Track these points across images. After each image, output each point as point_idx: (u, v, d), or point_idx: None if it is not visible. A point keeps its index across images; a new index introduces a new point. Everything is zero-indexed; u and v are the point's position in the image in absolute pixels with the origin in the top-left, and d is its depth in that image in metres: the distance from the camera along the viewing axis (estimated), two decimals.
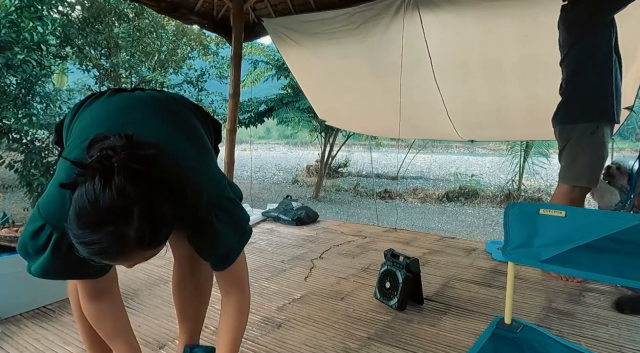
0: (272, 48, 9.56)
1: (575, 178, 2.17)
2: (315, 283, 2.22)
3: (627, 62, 2.97)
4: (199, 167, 0.90)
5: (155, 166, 0.73)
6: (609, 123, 2.12)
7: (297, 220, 3.67)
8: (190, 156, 0.89)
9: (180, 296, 1.29)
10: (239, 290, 1.04)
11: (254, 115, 10.06)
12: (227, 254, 0.96)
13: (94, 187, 0.65)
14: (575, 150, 2.16)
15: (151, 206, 0.69)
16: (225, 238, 0.92)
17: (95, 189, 0.65)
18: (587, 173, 2.14)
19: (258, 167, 17.89)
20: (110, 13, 8.62)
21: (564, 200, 2.18)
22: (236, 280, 1.03)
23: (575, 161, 2.17)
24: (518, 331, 1.11)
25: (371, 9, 3.44)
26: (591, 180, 2.14)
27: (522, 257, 1.09)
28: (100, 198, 0.65)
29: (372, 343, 1.57)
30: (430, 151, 22.90)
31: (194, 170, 0.86)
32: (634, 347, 1.55)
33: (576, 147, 2.15)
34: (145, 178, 0.69)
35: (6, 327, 1.63)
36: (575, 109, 2.14)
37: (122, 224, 0.66)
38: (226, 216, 0.90)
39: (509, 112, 3.93)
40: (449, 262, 2.65)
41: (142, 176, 0.69)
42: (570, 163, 2.19)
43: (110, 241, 0.66)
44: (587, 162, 2.13)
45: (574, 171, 2.17)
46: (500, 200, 9.96)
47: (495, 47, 3.38)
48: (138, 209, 0.66)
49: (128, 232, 0.66)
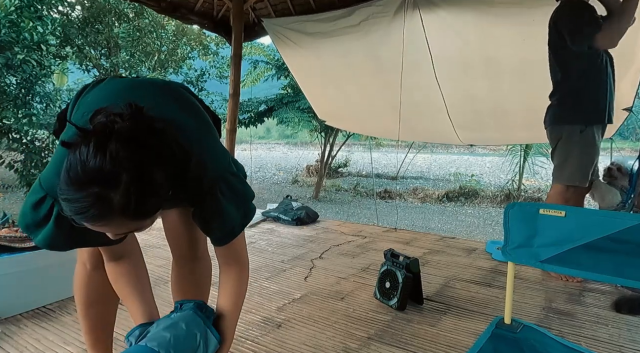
0: (272, 48, 9.56)
1: (566, 178, 2.21)
2: (315, 283, 2.22)
3: (625, 64, 2.99)
4: (204, 142, 0.90)
5: (160, 139, 0.72)
6: (598, 124, 2.14)
7: (297, 220, 3.67)
8: (196, 132, 0.89)
9: (180, 294, 1.29)
10: (239, 263, 1.05)
11: (254, 115, 10.06)
12: (230, 229, 0.96)
13: (88, 148, 0.65)
14: (565, 150, 2.21)
15: (142, 175, 0.68)
16: (228, 213, 0.91)
17: (89, 150, 0.65)
18: (576, 172, 2.17)
19: (258, 167, 17.89)
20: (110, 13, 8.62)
21: (558, 200, 2.22)
22: (236, 255, 1.04)
23: (565, 161, 2.21)
24: (518, 331, 1.11)
25: (372, 7, 3.44)
26: (582, 179, 2.18)
27: (522, 257, 1.09)
28: (90, 159, 0.64)
29: (372, 343, 1.57)
30: (430, 151, 22.89)
31: (199, 145, 0.86)
32: (634, 347, 1.55)
33: (566, 147, 2.19)
34: (143, 147, 0.69)
35: (6, 327, 1.63)
36: (563, 110, 2.18)
37: (108, 187, 0.65)
38: (230, 191, 0.91)
39: (508, 112, 3.93)
40: (449, 262, 2.65)
41: (140, 145, 0.69)
42: (561, 163, 2.24)
43: (92, 202, 0.65)
44: (577, 162, 2.17)
45: (565, 171, 2.21)
46: (500, 200, 9.96)
47: (495, 48, 3.39)
48: (127, 176, 0.66)
49: (112, 197, 0.65)
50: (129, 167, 0.66)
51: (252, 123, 10.08)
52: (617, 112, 3.30)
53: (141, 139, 0.69)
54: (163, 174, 0.71)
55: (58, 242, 0.87)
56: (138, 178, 0.67)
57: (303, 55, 4.24)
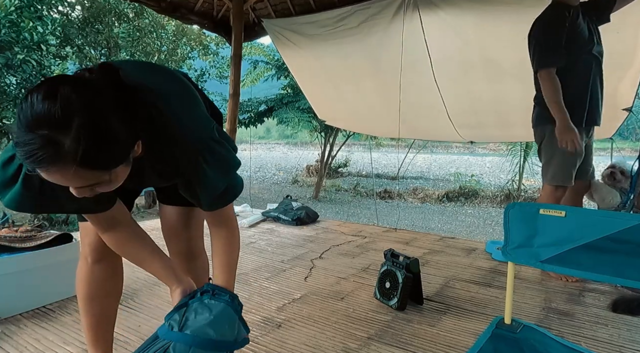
0: (272, 48, 9.56)
1: (551, 178, 2.23)
2: (315, 283, 2.22)
3: (625, 64, 3.00)
4: (186, 109, 0.89)
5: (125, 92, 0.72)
6: (579, 125, 2.15)
7: (297, 220, 3.68)
8: (178, 100, 0.89)
9: None
10: (229, 226, 1.05)
11: (254, 115, 10.07)
12: (218, 195, 0.95)
13: (39, 92, 0.64)
14: (548, 150, 2.24)
15: (96, 122, 0.65)
16: (212, 179, 0.91)
17: (42, 92, 0.64)
18: (559, 172, 2.20)
19: (258, 167, 17.89)
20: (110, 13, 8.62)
21: (549, 199, 2.24)
22: (225, 220, 1.04)
23: (549, 161, 2.24)
24: (518, 331, 1.11)
25: (371, 8, 3.44)
26: (564, 179, 2.20)
27: (522, 257, 1.09)
28: (39, 101, 0.63)
29: (372, 343, 1.57)
30: (430, 151, 22.91)
31: (180, 111, 0.86)
32: (634, 347, 1.55)
33: (549, 147, 2.22)
34: (100, 94, 0.68)
35: (6, 327, 1.63)
36: (545, 111, 2.20)
37: (57, 131, 0.63)
38: (213, 157, 0.89)
39: (508, 112, 3.93)
40: (449, 262, 2.65)
41: (97, 92, 0.68)
42: (546, 163, 2.27)
43: (41, 144, 0.63)
44: (560, 162, 2.20)
45: (550, 171, 2.24)
46: (500, 200, 9.97)
47: (495, 48, 3.39)
48: (79, 120, 0.64)
49: (62, 140, 0.63)
50: (81, 112, 0.64)
51: (252, 123, 10.09)
52: (617, 112, 3.31)
53: (100, 87, 0.68)
54: (122, 125, 0.70)
55: (25, 204, 0.84)
56: (91, 124, 0.65)
57: (303, 55, 4.24)
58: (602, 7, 2.25)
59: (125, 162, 0.74)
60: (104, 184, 0.74)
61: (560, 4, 2.15)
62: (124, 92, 0.73)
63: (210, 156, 0.89)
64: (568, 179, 2.20)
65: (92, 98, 0.66)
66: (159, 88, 0.85)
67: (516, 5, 2.92)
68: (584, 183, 2.48)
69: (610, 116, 3.35)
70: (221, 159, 0.92)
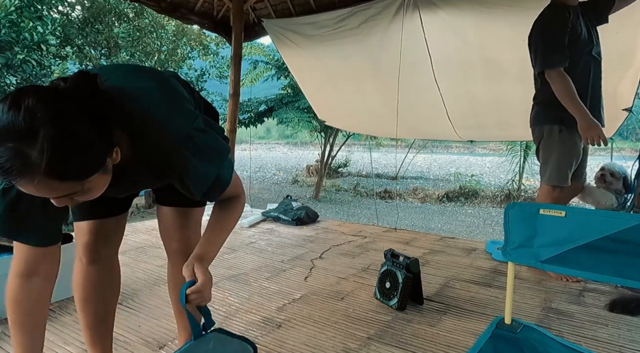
0: (272, 48, 9.57)
1: (547, 178, 2.24)
2: (315, 283, 2.22)
3: (624, 66, 3.00)
4: (167, 106, 0.89)
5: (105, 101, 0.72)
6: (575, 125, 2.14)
7: (297, 220, 3.67)
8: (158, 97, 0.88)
9: (176, 290, 1.29)
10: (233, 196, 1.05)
11: (254, 115, 10.07)
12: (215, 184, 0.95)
13: (7, 102, 0.64)
14: (545, 150, 2.25)
15: (63, 132, 0.65)
16: (200, 168, 0.90)
17: (7, 104, 0.63)
18: (554, 172, 2.21)
19: (258, 167, 17.90)
20: (110, 13, 8.63)
21: (546, 199, 2.24)
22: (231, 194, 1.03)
23: (546, 161, 2.25)
24: (518, 331, 1.11)
25: (371, 9, 3.44)
26: (560, 179, 2.20)
27: (522, 257, 1.09)
28: (7, 112, 0.63)
29: (372, 343, 1.57)
30: (430, 151, 22.91)
31: (160, 109, 0.86)
32: (634, 347, 1.55)
33: (546, 147, 2.23)
34: (65, 102, 0.67)
35: (6, 327, 1.63)
36: (543, 111, 2.21)
37: (23, 143, 0.63)
38: (197, 147, 0.89)
39: (508, 111, 3.93)
40: (449, 262, 2.65)
41: (63, 100, 0.67)
42: (543, 163, 2.28)
43: (9, 157, 0.62)
44: (556, 162, 2.20)
45: (547, 170, 2.24)
46: (500, 200, 9.98)
47: (494, 48, 3.39)
48: (44, 131, 0.63)
49: (29, 152, 0.63)
50: (47, 123, 0.63)
51: (252, 123, 10.10)
52: (617, 112, 3.31)
53: (71, 96, 0.68)
54: (93, 134, 0.69)
55: None
56: (58, 135, 0.64)
57: (303, 55, 4.24)
58: (601, 7, 2.25)
59: (100, 171, 0.74)
60: (80, 194, 0.73)
61: (558, 5, 2.15)
62: (99, 99, 0.72)
63: (194, 146, 0.88)
64: (564, 179, 2.21)
65: (59, 108, 0.66)
66: (138, 90, 0.86)
67: (516, 6, 2.92)
68: (577, 185, 2.49)
69: (610, 116, 3.34)
70: (207, 147, 0.92)
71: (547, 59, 2.12)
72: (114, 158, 0.77)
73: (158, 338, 1.57)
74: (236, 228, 3.71)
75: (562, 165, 2.19)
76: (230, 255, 2.68)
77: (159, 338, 1.57)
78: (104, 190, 0.80)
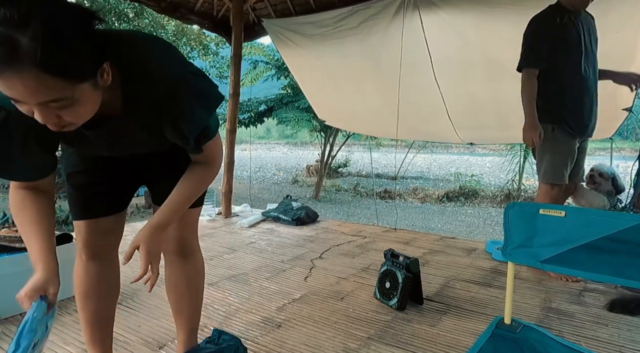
0: (272, 48, 9.56)
1: (543, 176, 2.28)
2: (315, 283, 2.22)
3: (624, 66, 3.00)
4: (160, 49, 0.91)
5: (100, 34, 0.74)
6: (568, 124, 2.21)
7: (297, 220, 3.67)
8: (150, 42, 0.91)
9: (173, 290, 1.29)
10: (207, 161, 1.05)
11: (254, 115, 10.07)
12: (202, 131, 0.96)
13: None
14: (541, 149, 2.29)
15: (56, 24, 0.65)
16: (195, 112, 0.91)
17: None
18: (549, 170, 2.25)
19: (258, 167, 17.90)
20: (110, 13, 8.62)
21: (545, 198, 2.27)
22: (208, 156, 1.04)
23: (542, 159, 2.30)
24: (518, 331, 1.11)
25: (371, 8, 3.44)
26: (555, 177, 2.24)
27: (522, 257, 1.09)
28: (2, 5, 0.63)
29: (372, 343, 1.57)
30: (430, 151, 22.89)
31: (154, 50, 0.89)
32: (634, 347, 1.55)
33: (542, 146, 2.27)
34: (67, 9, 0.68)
35: (6, 327, 1.63)
36: (537, 111, 2.23)
37: (14, 29, 0.62)
38: (193, 91, 0.90)
39: (509, 112, 3.92)
40: (449, 262, 2.65)
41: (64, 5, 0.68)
42: (539, 161, 2.33)
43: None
44: (550, 160, 2.25)
45: (543, 169, 2.29)
46: (500, 200, 9.97)
47: (495, 48, 3.38)
48: (37, 22, 0.63)
49: (19, 39, 0.62)
50: (41, 15, 0.64)
51: (252, 123, 10.09)
52: (617, 112, 3.31)
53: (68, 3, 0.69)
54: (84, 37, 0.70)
55: None
56: (51, 27, 0.64)
57: (303, 55, 4.24)
58: None
59: (91, 83, 0.73)
60: (69, 105, 0.72)
61: (557, 7, 2.18)
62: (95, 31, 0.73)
63: (189, 88, 0.90)
64: (559, 177, 2.24)
65: (56, 8, 0.67)
66: (134, 36, 0.90)
67: (517, 5, 2.92)
68: (572, 184, 2.50)
69: (610, 116, 3.35)
70: (201, 90, 0.93)
71: (523, 58, 2.23)
72: (105, 79, 0.76)
73: (158, 338, 1.57)
74: (236, 228, 3.72)
75: (556, 163, 2.24)
76: (230, 255, 2.69)
77: (159, 338, 1.57)
78: (92, 114, 0.79)
